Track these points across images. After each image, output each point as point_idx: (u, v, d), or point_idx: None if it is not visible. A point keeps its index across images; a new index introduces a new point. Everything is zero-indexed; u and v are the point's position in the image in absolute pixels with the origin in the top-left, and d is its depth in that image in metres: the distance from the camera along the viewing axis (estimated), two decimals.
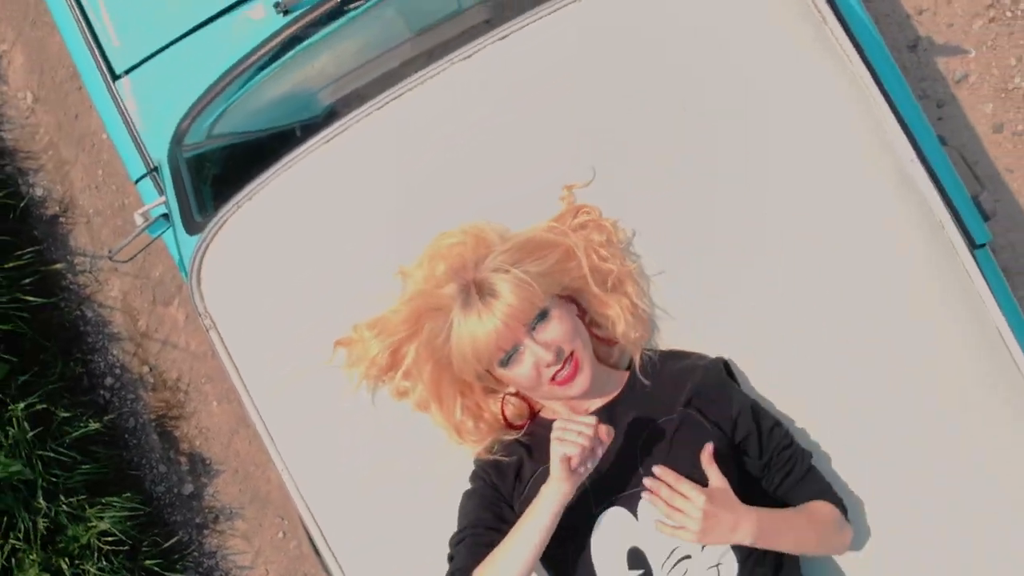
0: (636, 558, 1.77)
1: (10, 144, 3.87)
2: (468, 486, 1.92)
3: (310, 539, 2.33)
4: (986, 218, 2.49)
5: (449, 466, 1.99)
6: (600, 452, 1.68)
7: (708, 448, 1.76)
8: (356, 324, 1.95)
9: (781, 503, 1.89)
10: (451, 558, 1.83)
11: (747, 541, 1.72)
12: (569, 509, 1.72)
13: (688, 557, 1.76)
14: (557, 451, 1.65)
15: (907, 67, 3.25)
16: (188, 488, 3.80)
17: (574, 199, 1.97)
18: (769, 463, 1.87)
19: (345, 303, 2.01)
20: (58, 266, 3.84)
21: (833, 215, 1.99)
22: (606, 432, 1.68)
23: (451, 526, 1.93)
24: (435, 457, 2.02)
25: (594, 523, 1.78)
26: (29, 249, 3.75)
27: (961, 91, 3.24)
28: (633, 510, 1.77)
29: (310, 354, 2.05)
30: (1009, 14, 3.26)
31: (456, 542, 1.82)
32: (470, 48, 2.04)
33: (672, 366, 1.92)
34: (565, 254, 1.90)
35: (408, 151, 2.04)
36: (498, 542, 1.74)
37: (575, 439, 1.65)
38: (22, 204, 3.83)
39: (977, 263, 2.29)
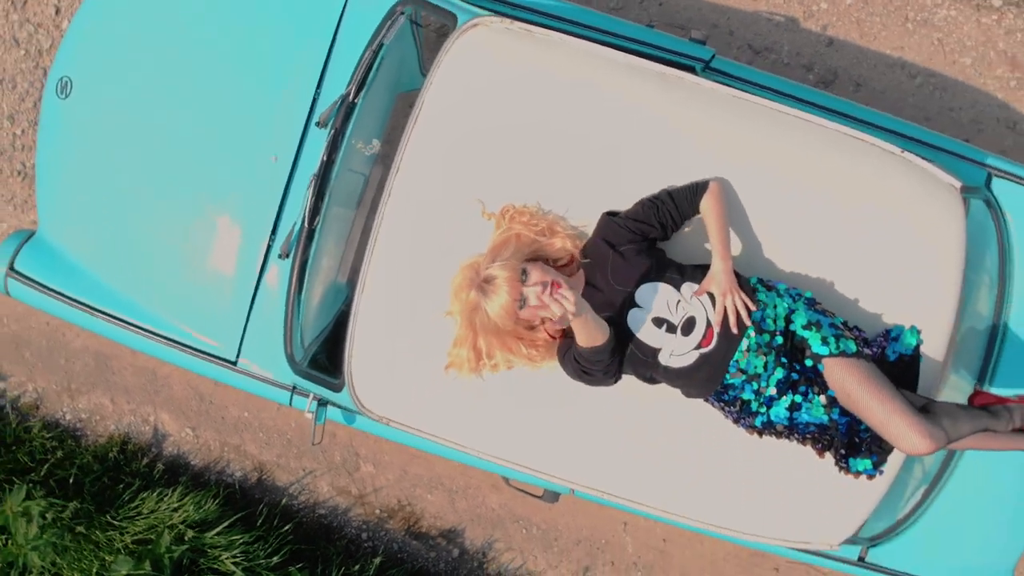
0: (658, 321, 2.43)
1: (200, 465, 4.43)
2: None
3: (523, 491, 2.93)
4: (702, 43, 3.04)
5: (553, 380, 2.62)
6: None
7: (694, 290, 2.42)
8: (447, 351, 2.56)
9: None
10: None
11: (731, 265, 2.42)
12: (619, 332, 2.38)
13: (679, 300, 2.42)
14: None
15: None
16: (455, 552, 4.28)
17: (494, 212, 2.57)
18: (662, 223, 2.48)
19: (434, 349, 2.62)
20: (284, 502, 4.36)
21: (616, 119, 2.56)
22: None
23: (583, 402, 2.61)
24: (544, 379, 2.63)
25: (630, 328, 2.45)
26: (260, 506, 4.32)
27: None
28: (640, 307, 2.44)
29: (441, 386, 2.66)
30: None
31: None
32: (386, 194, 2.67)
33: (588, 242, 2.54)
34: (518, 238, 2.49)
35: (400, 262, 2.69)
36: None
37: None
38: (237, 488, 4.40)
39: (713, 69, 2.93)
